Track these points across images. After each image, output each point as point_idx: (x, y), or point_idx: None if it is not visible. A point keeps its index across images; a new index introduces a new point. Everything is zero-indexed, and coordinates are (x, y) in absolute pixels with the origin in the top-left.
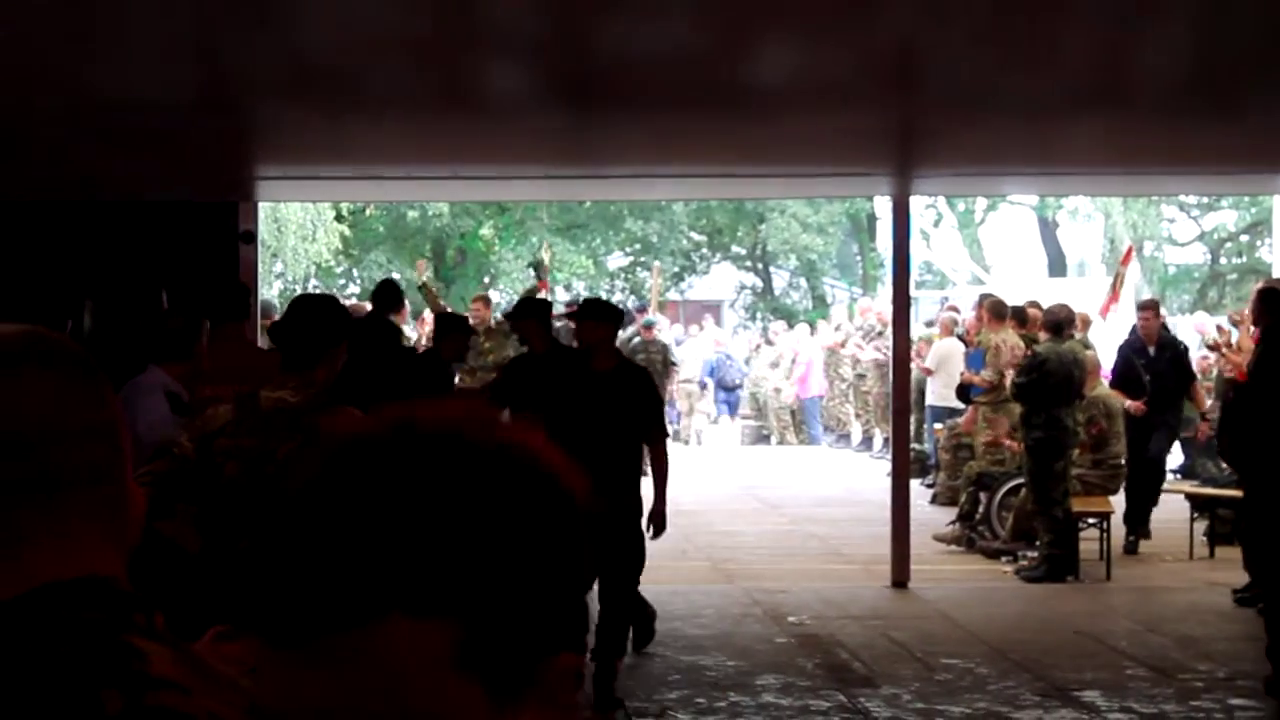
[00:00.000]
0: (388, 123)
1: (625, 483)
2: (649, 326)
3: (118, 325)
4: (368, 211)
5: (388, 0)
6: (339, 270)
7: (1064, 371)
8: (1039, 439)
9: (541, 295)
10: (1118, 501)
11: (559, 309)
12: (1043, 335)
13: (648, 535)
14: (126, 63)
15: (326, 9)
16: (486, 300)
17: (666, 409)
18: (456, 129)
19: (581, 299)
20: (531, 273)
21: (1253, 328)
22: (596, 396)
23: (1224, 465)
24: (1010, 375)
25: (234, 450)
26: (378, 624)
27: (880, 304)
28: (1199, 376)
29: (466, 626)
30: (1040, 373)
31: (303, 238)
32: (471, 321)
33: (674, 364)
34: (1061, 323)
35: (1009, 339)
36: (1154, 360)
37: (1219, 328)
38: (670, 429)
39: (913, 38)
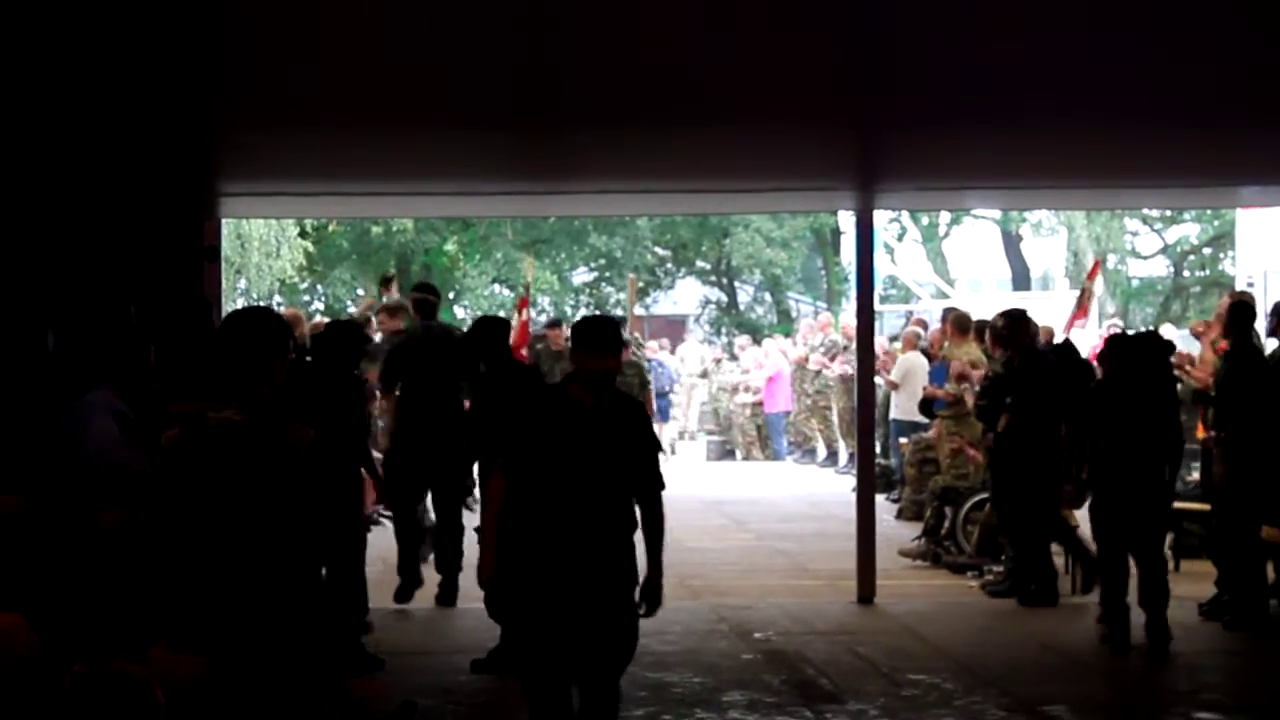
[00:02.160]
0: (351, 139)
1: (616, 546)
2: (624, 345)
3: (80, 345)
4: (331, 228)
5: (349, 16)
6: (303, 286)
7: None
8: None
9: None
10: (1082, 516)
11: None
12: (995, 351)
13: (640, 612)
14: (88, 77)
15: (289, 26)
16: (394, 311)
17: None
18: (420, 145)
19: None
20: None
21: (1222, 339)
22: (582, 439)
23: (1189, 479)
24: (971, 391)
25: (181, 472)
26: None
27: (843, 319)
28: None
29: None
30: (1000, 394)
31: (267, 254)
32: (381, 334)
33: (649, 385)
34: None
35: (970, 353)
36: None
37: (1179, 356)
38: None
39: (876, 52)
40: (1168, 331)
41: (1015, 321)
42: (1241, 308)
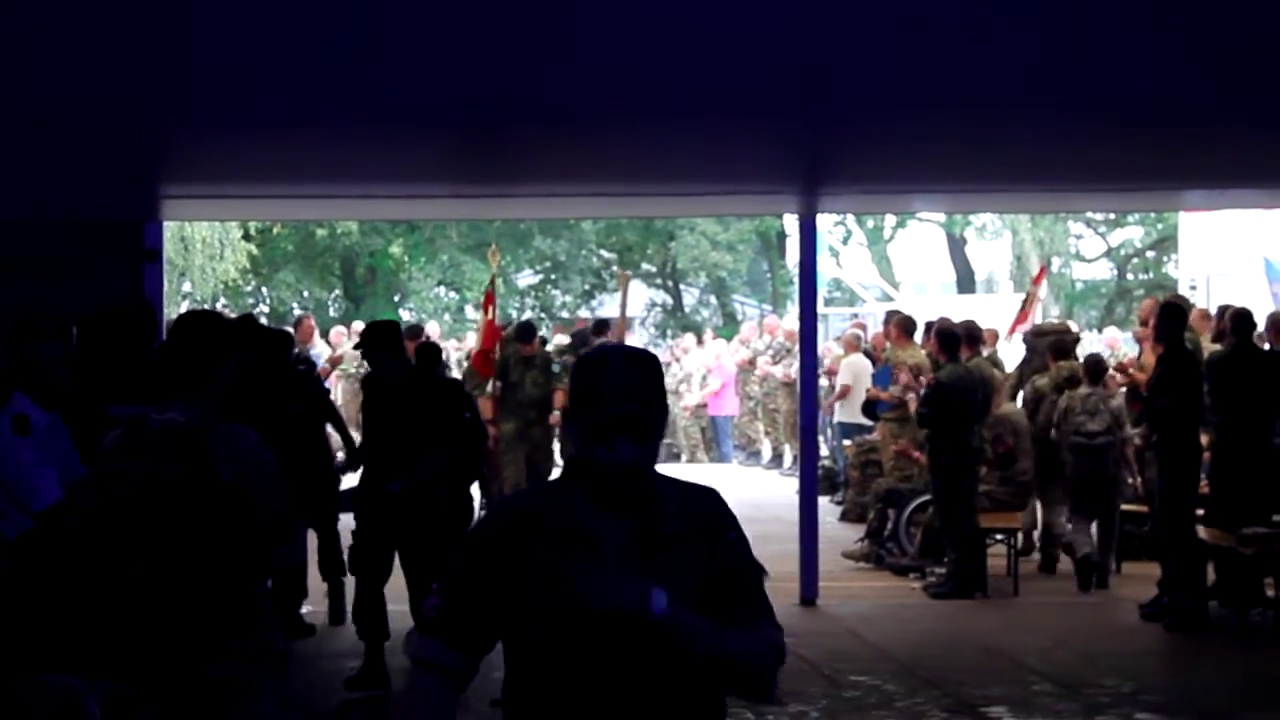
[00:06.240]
0: (295, 141)
1: None
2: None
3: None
4: (275, 230)
5: (293, 17)
6: (248, 289)
7: (968, 394)
8: (944, 463)
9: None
10: (1024, 517)
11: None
12: (941, 357)
13: None
14: (26, 80)
15: (231, 26)
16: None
17: None
18: (364, 147)
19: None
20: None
21: (1148, 342)
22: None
23: (1131, 480)
24: (912, 398)
25: (122, 474)
26: None
27: (789, 322)
28: None
29: None
30: (943, 402)
31: (210, 256)
32: None
33: None
34: (959, 339)
35: (915, 356)
36: None
37: (1120, 365)
38: None
39: (817, 56)
40: (1113, 335)
41: None
42: (1173, 309)
